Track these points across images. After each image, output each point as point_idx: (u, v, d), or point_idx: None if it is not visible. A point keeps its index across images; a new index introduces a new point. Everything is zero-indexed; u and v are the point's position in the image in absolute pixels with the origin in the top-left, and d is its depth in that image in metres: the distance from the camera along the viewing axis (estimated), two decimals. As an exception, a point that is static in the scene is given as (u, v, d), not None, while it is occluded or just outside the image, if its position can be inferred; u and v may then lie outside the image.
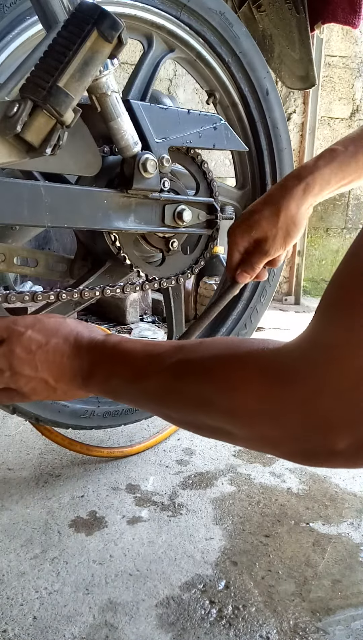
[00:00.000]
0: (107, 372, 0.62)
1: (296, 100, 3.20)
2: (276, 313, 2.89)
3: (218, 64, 1.01)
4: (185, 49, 0.96)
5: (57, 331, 0.66)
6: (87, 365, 0.64)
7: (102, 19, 0.63)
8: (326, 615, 0.65)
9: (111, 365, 0.62)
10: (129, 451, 1.04)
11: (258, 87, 1.06)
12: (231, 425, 0.52)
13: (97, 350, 0.64)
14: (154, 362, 0.59)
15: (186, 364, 0.57)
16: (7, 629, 0.61)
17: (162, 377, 0.58)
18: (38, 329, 0.66)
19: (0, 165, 0.66)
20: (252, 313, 1.23)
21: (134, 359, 0.61)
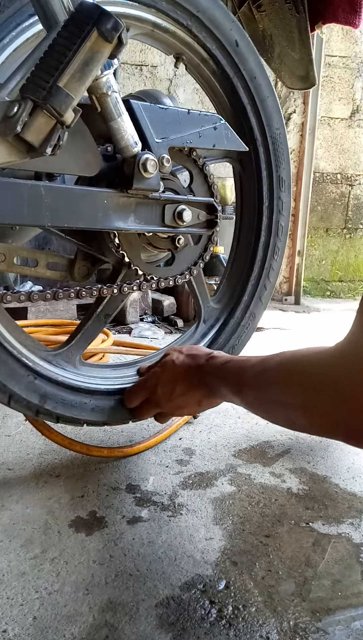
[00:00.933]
0: (221, 391, 0.84)
1: (296, 100, 3.20)
2: (276, 313, 2.89)
3: (177, 29, 0.97)
4: (138, 24, 0.94)
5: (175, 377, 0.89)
6: (206, 390, 0.87)
7: (103, 19, 0.63)
8: (326, 615, 0.65)
9: (220, 386, 0.83)
10: (129, 451, 1.04)
11: (226, 41, 1.02)
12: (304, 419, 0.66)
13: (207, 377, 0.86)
14: (243, 377, 0.78)
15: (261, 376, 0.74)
16: (7, 629, 0.61)
17: (248, 388, 0.77)
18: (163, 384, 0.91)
19: (0, 165, 0.66)
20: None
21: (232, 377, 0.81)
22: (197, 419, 1.25)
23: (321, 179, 3.44)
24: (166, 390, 0.90)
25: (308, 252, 3.40)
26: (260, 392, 0.75)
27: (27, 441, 1.10)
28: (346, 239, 3.55)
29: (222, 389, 0.83)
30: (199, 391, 0.88)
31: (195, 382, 0.88)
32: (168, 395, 0.90)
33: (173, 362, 0.91)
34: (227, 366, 0.83)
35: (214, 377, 0.85)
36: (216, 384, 0.84)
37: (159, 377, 0.91)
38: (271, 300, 3.23)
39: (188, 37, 0.99)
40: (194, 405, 0.90)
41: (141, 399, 0.94)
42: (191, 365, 0.89)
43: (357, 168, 3.48)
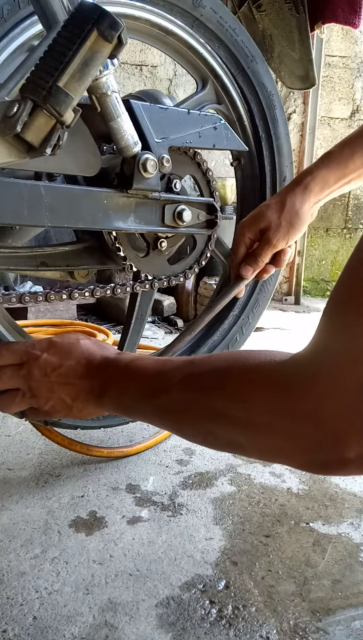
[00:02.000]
0: (120, 390, 0.65)
1: (296, 100, 3.20)
2: (276, 313, 2.89)
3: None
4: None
5: (70, 353, 0.69)
6: (100, 384, 0.67)
7: (102, 19, 0.63)
8: (326, 615, 0.65)
9: (123, 384, 0.65)
10: (129, 451, 1.04)
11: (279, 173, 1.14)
12: (243, 437, 0.53)
13: (110, 369, 0.67)
14: (165, 378, 0.61)
15: (197, 378, 0.58)
16: (7, 629, 0.61)
17: (174, 393, 0.60)
18: (53, 352, 0.69)
19: (0, 165, 0.66)
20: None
21: (146, 377, 0.63)
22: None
23: (321, 179, 3.44)
24: (51, 361, 0.69)
25: (308, 252, 3.40)
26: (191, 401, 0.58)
27: (27, 441, 1.10)
28: (346, 239, 3.55)
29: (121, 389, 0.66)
30: (86, 384, 0.68)
31: (89, 372, 0.68)
32: (49, 368, 0.69)
33: (77, 339, 0.72)
34: (141, 363, 0.66)
35: (120, 374, 0.66)
36: (116, 383, 0.66)
37: (52, 345, 0.70)
38: (271, 300, 3.24)
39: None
40: (65, 398, 0.69)
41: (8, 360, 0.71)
42: (95, 352, 0.70)
43: (357, 168, 3.48)
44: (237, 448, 0.57)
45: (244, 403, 0.52)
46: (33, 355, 0.69)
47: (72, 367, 0.68)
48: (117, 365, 0.67)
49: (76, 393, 0.68)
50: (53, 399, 0.69)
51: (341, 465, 0.46)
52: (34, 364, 0.69)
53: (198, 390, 0.57)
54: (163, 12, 0.95)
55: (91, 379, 0.68)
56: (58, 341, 0.71)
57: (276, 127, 1.13)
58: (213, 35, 1.01)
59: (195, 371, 0.59)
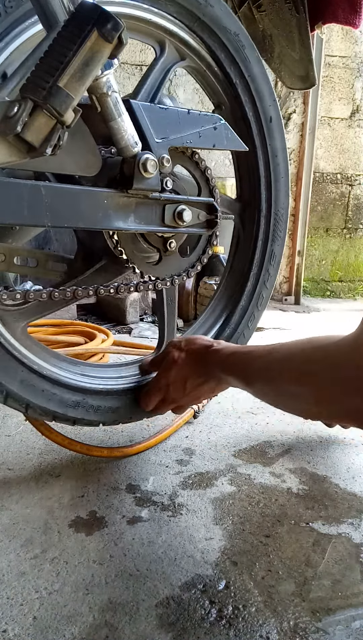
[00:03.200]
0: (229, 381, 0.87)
1: (296, 100, 3.20)
2: (276, 313, 2.89)
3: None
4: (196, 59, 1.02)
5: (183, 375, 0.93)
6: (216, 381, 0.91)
7: (103, 19, 0.63)
8: (326, 615, 0.65)
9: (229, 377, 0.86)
10: (129, 451, 1.04)
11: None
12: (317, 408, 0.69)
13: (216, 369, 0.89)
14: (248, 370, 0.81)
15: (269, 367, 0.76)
16: (7, 629, 0.61)
17: (256, 382, 0.80)
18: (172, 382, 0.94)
19: (0, 165, 0.66)
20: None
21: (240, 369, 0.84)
22: (197, 418, 1.25)
23: (321, 179, 3.44)
24: (178, 387, 0.94)
25: (308, 252, 3.40)
26: (269, 385, 0.77)
27: (27, 441, 1.10)
28: (346, 239, 3.55)
29: (230, 380, 0.87)
30: (210, 382, 0.92)
31: (203, 376, 0.91)
32: (181, 392, 0.94)
33: (176, 362, 0.93)
34: (231, 358, 0.86)
35: (220, 370, 0.88)
36: (223, 376, 0.88)
37: (168, 378, 0.94)
38: (271, 300, 3.23)
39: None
40: (208, 394, 0.96)
41: (156, 401, 0.98)
42: (194, 361, 0.92)
43: (357, 168, 3.48)
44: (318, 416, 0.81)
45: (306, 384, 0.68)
46: (165, 390, 0.96)
47: (193, 382, 0.92)
48: (220, 365, 0.88)
49: (210, 388, 0.93)
50: (201, 396, 0.96)
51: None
52: (171, 395, 0.96)
53: (271, 379, 0.76)
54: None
55: (211, 380, 0.91)
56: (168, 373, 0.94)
57: (249, 68, 1.07)
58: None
59: (269, 361, 0.77)
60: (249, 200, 1.18)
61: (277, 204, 1.18)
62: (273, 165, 1.15)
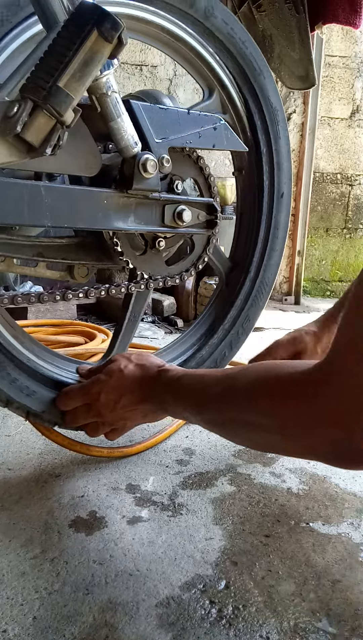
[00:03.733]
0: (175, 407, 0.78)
1: (296, 100, 3.20)
2: (276, 313, 2.89)
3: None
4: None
5: (121, 387, 0.82)
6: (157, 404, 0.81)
7: (103, 19, 0.63)
8: (326, 615, 0.65)
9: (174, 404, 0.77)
10: (129, 451, 1.04)
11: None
12: (277, 442, 0.62)
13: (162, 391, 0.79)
14: (206, 394, 0.72)
15: (229, 394, 0.68)
16: (7, 629, 0.61)
17: (214, 407, 0.70)
18: (106, 391, 0.83)
19: (0, 165, 0.66)
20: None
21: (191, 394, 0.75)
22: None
23: (321, 179, 3.44)
24: (110, 399, 0.82)
25: (308, 252, 3.40)
26: (228, 413, 0.68)
27: (27, 441, 1.10)
28: (346, 239, 3.55)
29: (176, 406, 0.77)
30: (147, 405, 0.82)
31: (144, 395, 0.81)
32: (111, 405, 0.82)
33: (121, 371, 0.83)
34: (183, 381, 0.76)
35: (168, 392, 0.78)
36: (168, 400, 0.78)
37: (104, 385, 0.83)
38: (271, 300, 3.23)
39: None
40: (138, 419, 0.85)
41: (78, 404, 0.86)
42: (142, 377, 0.82)
43: (357, 168, 3.48)
44: (275, 449, 0.69)
45: (271, 414, 0.60)
46: (93, 398, 0.84)
47: (129, 399, 0.82)
48: (168, 386, 0.79)
49: (143, 413, 0.84)
50: (128, 422, 0.86)
51: (361, 457, 0.53)
52: (98, 404, 0.83)
53: (230, 407, 0.67)
54: (175, 19, 0.95)
55: (149, 402, 0.82)
56: (107, 379, 0.83)
57: (278, 142, 1.13)
58: (222, 46, 1.02)
59: (228, 387, 0.68)
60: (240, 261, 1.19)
61: (265, 271, 1.19)
62: (272, 237, 1.17)
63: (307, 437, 0.57)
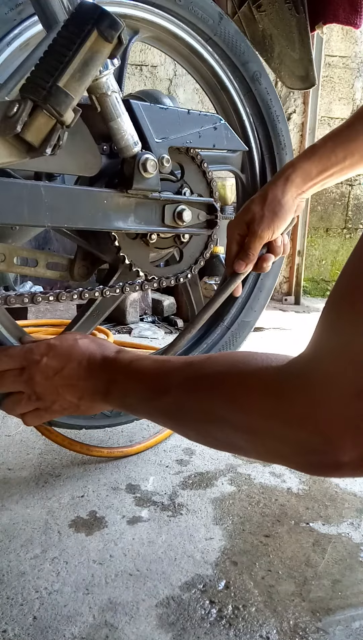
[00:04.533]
0: (123, 391, 0.66)
1: (296, 100, 3.20)
2: (276, 313, 2.89)
3: None
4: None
5: (70, 355, 0.70)
6: (104, 385, 0.68)
7: (102, 19, 0.63)
8: (326, 615, 0.65)
9: (126, 384, 0.66)
10: (129, 451, 1.04)
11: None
12: (241, 440, 0.54)
13: (111, 369, 0.68)
14: (165, 380, 0.62)
15: (195, 381, 0.58)
16: (7, 629, 0.61)
17: (173, 395, 0.60)
18: (52, 356, 0.70)
19: (1, 165, 0.66)
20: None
21: (147, 377, 0.64)
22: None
23: (321, 179, 3.44)
24: (52, 365, 0.69)
25: (308, 252, 3.40)
26: (190, 402, 0.58)
27: (27, 441, 1.10)
28: (346, 239, 3.55)
29: (125, 389, 0.67)
30: (90, 382, 0.69)
31: (91, 371, 0.69)
32: (51, 373, 0.69)
33: (75, 340, 0.72)
34: (142, 363, 0.66)
35: (121, 372, 0.67)
36: (118, 381, 0.67)
37: (51, 349, 0.71)
38: (271, 300, 3.23)
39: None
40: (69, 401, 0.70)
41: (11, 365, 0.72)
42: (95, 352, 0.70)
43: (357, 168, 3.48)
44: (236, 449, 0.59)
45: (241, 409, 0.53)
46: (33, 360, 0.70)
47: (74, 369, 0.69)
48: (118, 365, 0.68)
49: (81, 393, 0.70)
50: (59, 400, 0.70)
51: (336, 468, 0.46)
52: (35, 368, 0.70)
53: (196, 394, 0.58)
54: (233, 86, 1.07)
55: (94, 380, 0.68)
56: (57, 344, 0.71)
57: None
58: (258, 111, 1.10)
59: (194, 374, 0.59)
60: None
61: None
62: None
63: (278, 440, 0.50)
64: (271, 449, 0.52)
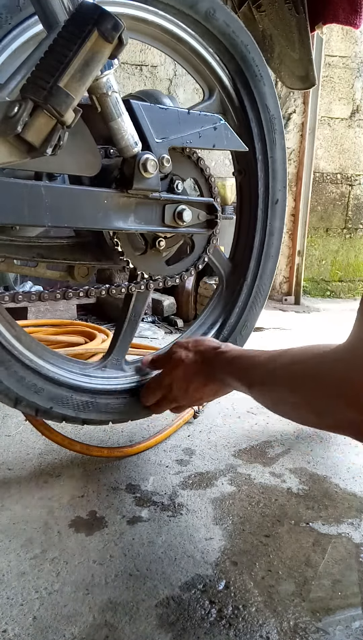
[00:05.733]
0: (233, 384, 0.87)
1: (296, 100, 3.20)
2: (276, 313, 2.89)
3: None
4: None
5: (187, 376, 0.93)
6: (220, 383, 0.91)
7: (103, 19, 0.63)
8: (326, 615, 0.65)
9: (233, 379, 0.87)
10: (129, 451, 1.04)
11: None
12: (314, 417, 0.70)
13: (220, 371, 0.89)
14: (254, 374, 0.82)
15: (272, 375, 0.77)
16: (7, 629, 0.61)
17: (258, 387, 0.80)
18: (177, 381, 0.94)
19: (1, 165, 0.66)
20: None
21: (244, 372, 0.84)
22: (197, 418, 1.25)
23: (321, 179, 3.44)
24: (182, 387, 0.94)
25: (308, 252, 3.40)
26: (269, 391, 0.78)
27: (27, 441, 1.10)
28: (346, 239, 3.55)
29: (233, 384, 0.87)
30: (213, 385, 0.92)
31: (208, 378, 0.92)
32: (184, 392, 0.94)
33: (183, 361, 0.94)
34: (236, 362, 0.87)
35: (225, 372, 0.88)
36: (227, 379, 0.88)
37: (173, 377, 0.95)
38: (271, 300, 3.23)
39: None
40: (211, 396, 0.96)
41: (158, 397, 0.99)
42: (201, 363, 0.92)
43: (357, 168, 3.48)
44: (314, 424, 0.80)
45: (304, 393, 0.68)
46: (167, 389, 0.96)
47: (196, 384, 0.93)
48: (223, 368, 0.89)
49: (213, 391, 0.94)
50: (202, 398, 0.96)
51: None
52: (173, 394, 0.96)
53: (273, 385, 0.77)
54: (176, 19, 0.95)
55: (214, 382, 0.92)
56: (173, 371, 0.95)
57: (274, 150, 1.13)
58: (223, 48, 1.02)
59: (273, 366, 0.77)
60: (238, 263, 1.20)
61: (261, 279, 1.20)
62: (267, 243, 1.18)
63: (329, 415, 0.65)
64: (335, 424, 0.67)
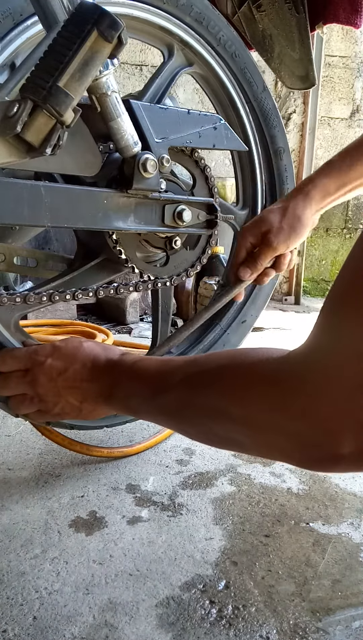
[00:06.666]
0: (126, 391, 0.67)
1: (296, 100, 3.20)
2: (276, 313, 2.89)
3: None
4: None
5: (75, 357, 0.70)
6: (107, 386, 0.68)
7: (103, 19, 0.63)
8: (326, 615, 0.65)
9: (129, 385, 0.67)
10: (129, 451, 1.04)
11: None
12: (241, 435, 0.54)
13: (115, 371, 0.69)
14: (167, 378, 0.62)
15: (196, 377, 0.59)
16: (7, 629, 0.61)
17: (174, 392, 0.61)
18: (57, 357, 0.70)
19: (1, 165, 0.66)
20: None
21: (150, 377, 0.65)
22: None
23: (321, 179, 3.43)
24: (56, 366, 0.70)
25: (308, 252, 3.40)
26: (191, 398, 0.59)
27: (27, 441, 1.10)
28: (346, 239, 3.55)
29: (127, 390, 0.67)
30: (93, 385, 0.69)
31: (95, 372, 0.70)
32: (54, 374, 0.70)
33: (80, 342, 0.73)
34: (143, 363, 0.67)
35: (123, 373, 0.68)
36: (120, 382, 0.68)
37: (56, 350, 0.72)
38: (271, 300, 3.23)
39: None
40: (71, 404, 0.71)
41: (16, 366, 0.73)
42: (99, 355, 0.71)
43: (357, 168, 3.48)
44: (237, 446, 0.58)
45: (241, 402, 0.53)
46: (37, 361, 0.71)
47: (78, 371, 0.70)
48: (122, 367, 0.69)
49: (83, 396, 0.70)
50: (61, 402, 0.71)
51: (335, 462, 0.46)
52: (39, 369, 0.71)
53: (197, 390, 0.58)
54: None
55: (98, 382, 0.69)
56: (62, 345, 0.72)
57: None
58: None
59: (195, 370, 0.60)
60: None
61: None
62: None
63: (277, 434, 0.50)
64: (271, 443, 0.52)
